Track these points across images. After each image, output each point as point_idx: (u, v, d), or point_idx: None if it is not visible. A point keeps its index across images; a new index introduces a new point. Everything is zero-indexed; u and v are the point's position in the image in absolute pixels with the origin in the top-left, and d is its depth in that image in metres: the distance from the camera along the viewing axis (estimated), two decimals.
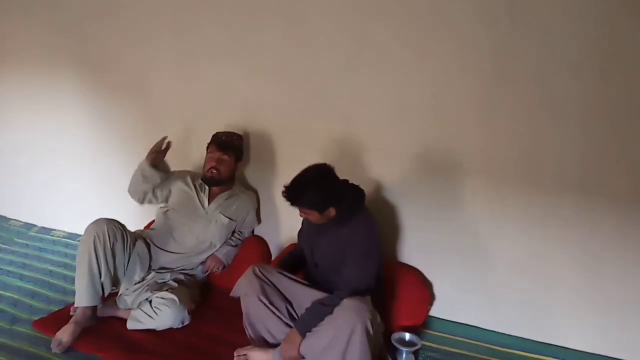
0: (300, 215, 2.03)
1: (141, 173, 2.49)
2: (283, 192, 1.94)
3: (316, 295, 1.97)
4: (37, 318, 2.33)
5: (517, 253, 2.19)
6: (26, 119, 3.42)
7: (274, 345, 1.99)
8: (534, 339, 2.21)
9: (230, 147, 2.51)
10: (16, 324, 2.31)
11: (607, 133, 1.95)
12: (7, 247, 3.15)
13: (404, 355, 2.03)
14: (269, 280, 2.04)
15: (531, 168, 2.10)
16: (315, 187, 1.92)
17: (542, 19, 1.94)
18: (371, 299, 1.90)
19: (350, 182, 2.08)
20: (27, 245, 3.19)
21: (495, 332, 2.27)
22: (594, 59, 1.90)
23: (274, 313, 2.00)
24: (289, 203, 1.95)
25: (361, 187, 2.09)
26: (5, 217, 3.63)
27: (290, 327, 1.97)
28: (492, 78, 2.07)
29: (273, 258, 2.66)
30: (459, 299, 2.34)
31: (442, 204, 2.29)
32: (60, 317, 2.29)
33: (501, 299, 2.26)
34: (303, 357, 1.88)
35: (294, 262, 2.24)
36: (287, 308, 2.02)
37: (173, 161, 2.92)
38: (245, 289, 2.06)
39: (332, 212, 1.96)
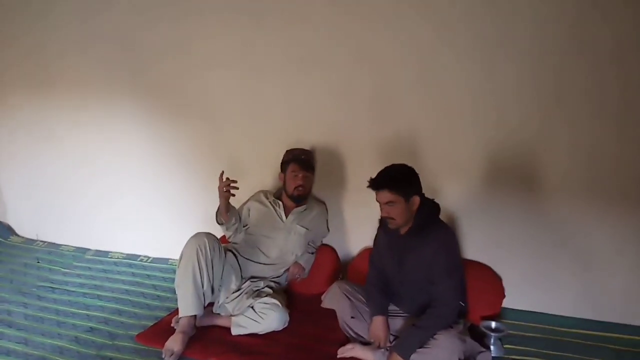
0: (382, 214, 2.12)
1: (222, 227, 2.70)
2: (369, 181, 2.05)
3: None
4: (134, 333, 2.43)
5: (581, 246, 2.48)
6: (76, 142, 3.47)
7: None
8: (595, 319, 2.47)
9: (311, 165, 2.72)
10: (117, 340, 2.40)
11: None
12: (70, 271, 3.21)
13: (492, 340, 2.27)
14: (354, 298, 2.35)
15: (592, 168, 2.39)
16: (403, 173, 2.08)
17: None
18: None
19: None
20: (89, 268, 3.25)
21: (561, 316, 2.52)
22: None
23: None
24: (375, 189, 2.04)
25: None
26: (54, 243, 3.66)
27: None
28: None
29: (341, 265, 2.88)
30: (526, 290, 2.59)
31: (507, 204, 2.55)
32: (161, 329, 2.42)
33: (566, 287, 2.53)
34: None
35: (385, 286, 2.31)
36: None
37: (242, 176, 3.06)
38: (335, 305, 2.37)
39: (416, 201, 2.06)
